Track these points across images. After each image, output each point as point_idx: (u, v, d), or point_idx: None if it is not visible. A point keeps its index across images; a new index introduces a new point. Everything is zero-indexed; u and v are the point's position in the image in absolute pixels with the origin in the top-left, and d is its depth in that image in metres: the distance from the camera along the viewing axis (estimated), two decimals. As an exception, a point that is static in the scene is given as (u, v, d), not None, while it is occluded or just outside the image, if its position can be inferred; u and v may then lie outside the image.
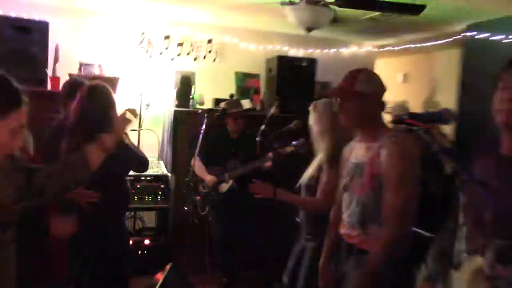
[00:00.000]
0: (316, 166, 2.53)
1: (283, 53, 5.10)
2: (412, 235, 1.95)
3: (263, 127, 2.69)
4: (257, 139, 2.85)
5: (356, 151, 2.08)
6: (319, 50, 5.33)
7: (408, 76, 6.18)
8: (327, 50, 5.37)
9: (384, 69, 6.49)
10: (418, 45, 5.08)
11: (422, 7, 3.01)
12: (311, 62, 4.72)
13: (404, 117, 1.71)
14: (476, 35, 4.27)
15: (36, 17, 4.12)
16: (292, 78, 4.60)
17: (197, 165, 3.65)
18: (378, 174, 1.90)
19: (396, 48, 5.45)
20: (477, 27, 4.31)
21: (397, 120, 1.73)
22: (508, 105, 1.40)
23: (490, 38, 4.12)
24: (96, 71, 4.43)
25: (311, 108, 2.54)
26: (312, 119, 2.53)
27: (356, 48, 5.60)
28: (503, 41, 4.04)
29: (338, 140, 2.34)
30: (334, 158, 2.32)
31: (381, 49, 5.66)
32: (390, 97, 6.56)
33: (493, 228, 1.40)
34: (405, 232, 1.89)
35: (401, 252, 1.88)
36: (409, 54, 5.83)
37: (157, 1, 4.16)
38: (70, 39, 4.45)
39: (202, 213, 3.76)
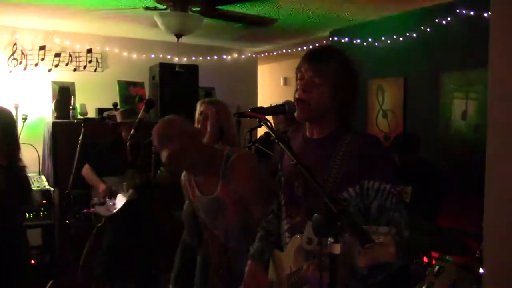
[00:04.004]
0: None
1: (167, 61, 5.18)
2: None
3: (132, 132, 2.71)
4: (127, 144, 2.86)
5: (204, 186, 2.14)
6: (201, 58, 5.50)
7: (288, 79, 6.64)
8: (209, 57, 5.56)
9: (267, 73, 6.90)
10: (292, 50, 5.48)
11: (274, 20, 3.18)
12: (193, 68, 4.87)
13: (247, 110, 1.86)
14: (338, 40, 4.76)
15: None
16: (174, 85, 4.69)
17: (88, 173, 3.57)
18: (238, 198, 2.04)
19: (274, 53, 5.81)
20: (338, 32, 4.81)
21: (239, 114, 1.85)
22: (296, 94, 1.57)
23: (353, 41, 4.62)
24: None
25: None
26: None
27: (237, 55, 5.87)
28: (364, 44, 4.56)
29: None
30: None
31: (260, 55, 5.99)
32: (274, 100, 6.95)
33: (305, 204, 1.55)
34: None
35: None
36: (287, 59, 6.26)
37: (29, 11, 4.03)
38: None
39: (99, 225, 3.61)
